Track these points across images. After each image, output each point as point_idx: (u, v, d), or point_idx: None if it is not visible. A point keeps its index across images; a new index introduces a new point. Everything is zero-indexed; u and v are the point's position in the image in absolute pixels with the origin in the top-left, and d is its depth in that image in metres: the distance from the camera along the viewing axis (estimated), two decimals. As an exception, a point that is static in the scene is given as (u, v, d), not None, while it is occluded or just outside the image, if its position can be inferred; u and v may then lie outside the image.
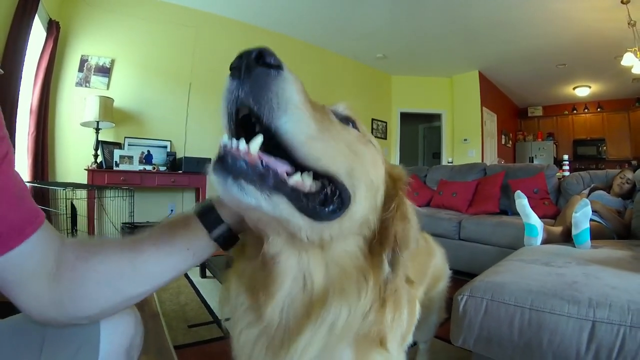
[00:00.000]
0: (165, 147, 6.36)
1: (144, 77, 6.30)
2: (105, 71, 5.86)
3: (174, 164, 6.25)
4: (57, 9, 5.37)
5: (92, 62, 5.77)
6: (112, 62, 5.96)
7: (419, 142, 14.25)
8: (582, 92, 11.36)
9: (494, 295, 1.49)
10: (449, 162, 8.75)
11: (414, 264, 1.36)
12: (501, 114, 11.74)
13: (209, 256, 0.82)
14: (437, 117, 11.18)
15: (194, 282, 3.82)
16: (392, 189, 0.76)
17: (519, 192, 2.94)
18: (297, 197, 0.56)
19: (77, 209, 3.92)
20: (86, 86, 5.70)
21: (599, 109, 12.17)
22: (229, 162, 0.52)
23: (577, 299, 1.34)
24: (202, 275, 4.02)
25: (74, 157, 5.55)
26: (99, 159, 5.51)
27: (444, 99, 10.80)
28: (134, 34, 6.20)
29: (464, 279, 1.69)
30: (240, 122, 0.58)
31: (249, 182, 0.51)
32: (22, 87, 4.28)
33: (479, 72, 10.16)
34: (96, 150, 5.46)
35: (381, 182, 0.74)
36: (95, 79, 5.78)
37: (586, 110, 12.42)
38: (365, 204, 0.68)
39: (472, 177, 5.59)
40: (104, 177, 5.39)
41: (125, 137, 5.99)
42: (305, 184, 0.57)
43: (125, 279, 0.77)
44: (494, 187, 5.05)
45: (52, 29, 5.13)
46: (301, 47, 8.53)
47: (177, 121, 6.62)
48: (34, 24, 4.46)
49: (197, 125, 6.71)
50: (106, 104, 5.43)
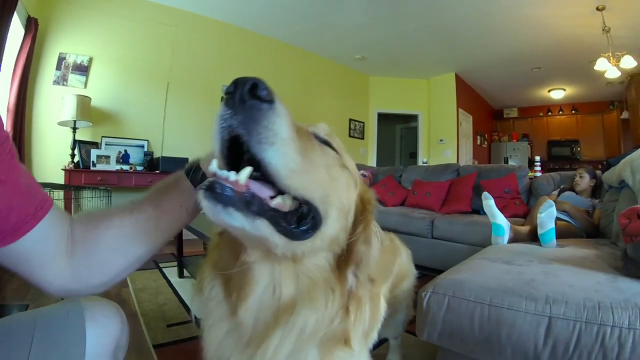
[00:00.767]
0: (142, 146, 6.31)
1: (121, 75, 6.23)
2: (83, 69, 5.80)
3: (151, 164, 6.22)
4: (36, 5, 5.28)
5: (70, 60, 5.70)
6: (90, 60, 5.89)
7: (396, 142, 14.38)
8: (557, 94, 11.53)
9: (455, 291, 1.56)
10: (423, 163, 8.85)
11: (378, 263, 1.44)
12: (477, 115, 11.89)
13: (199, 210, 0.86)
14: (414, 117, 11.26)
15: (172, 282, 3.84)
16: (362, 211, 0.82)
17: (485, 193, 3.02)
18: (276, 220, 0.61)
19: None
20: (64, 85, 5.64)
21: (573, 111, 12.39)
22: (218, 191, 0.56)
23: (534, 296, 1.40)
24: (180, 275, 4.04)
25: (51, 157, 5.49)
26: (76, 159, 5.47)
27: (421, 100, 10.91)
28: (112, 32, 6.13)
29: (436, 276, 1.76)
30: (230, 144, 0.61)
31: (236, 209, 0.56)
32: (-1, 85, 4.22)
33: (456, 74, 10.28)
34: (73, 150, 5.42)
35: (352, 204, 0.80)
36: (72, 78, 5.71)
37: (561, 112, 12.62)
38: (336, 225, 0.73)
39: (446, 177, 5.69)
40: (81, 177, 5.34)
41: (102, 137, 5.92)
42: (285, 205, 0.63)
43: (131, 241, 0.83)
44: (467, 188, 5.15)
45: (31, 26, 5.06)
46: (280, 48, 8.54)
47: (154, 121, 6.57)
48: (12, 21, 4.38)
49: (175, 124, 6.69)
50: (83, 103, 5.38)
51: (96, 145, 5.84)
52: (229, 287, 0.77)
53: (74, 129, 5.39)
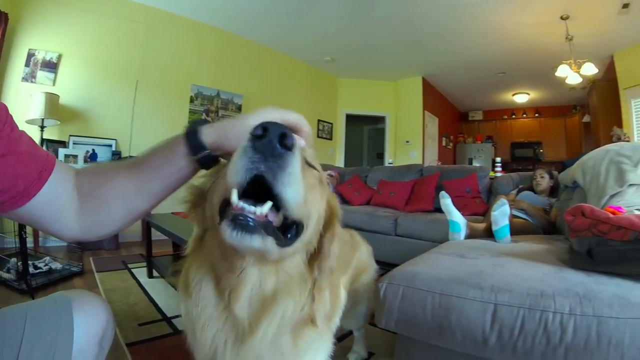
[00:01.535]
0: (110, 145, 6.21)
1: (91, 73, 6.08)
2: (51, 66, 5.65)
3: (118, 163, 6.10)
4: None
5: (40, 56, 5.55)
6: (60, 57, 5.74)
7: (363, 143, 14.49)
8: (521, 98, 11.84)
9: (409, 282, 1.65)
10: (389, 163, 8.95)
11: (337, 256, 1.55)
12: (443, 118, 12.09)
13: (197, 172, 0.92)
14: (382, 119, 11.37)
15: (142, 283, 3.85)
16: (329, 216, 0.93)
17: (443, 192, 3.13)
18: (277, 235, 0.71)
19: None
20: (32, 82, 5.49)
21: (536, 115, 12.72)
22: (242, 221, 0.66)
23: (481, 285, 1.50)
24: (150, 275, 4.04)
25: (19, 156, 5.33)
26: (44, 158, 5.35)
27: (388, 102, 11.04)
28: (82, 28, 5.97)
29: (395, 270, 1.85)
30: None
31: (258, 234, 0.66)
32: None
33: (423, 77, 10.44)
34: (41, 148, 5.29)
35: (323, 213, 0.90)
36: (41, 74, 5.56)
37: (524, 115, 12.97)
38: (312, 231, 0.84)
39: (409, 177, 5.81)
40: (49, 177, 5.22)
41: (70, 136, 5.81)
42: (279, 221, 0.72)
43: (135, 198, 0.89)
44: (429, 187, 5.28)
45: (1, 20, 4.96)
46: (251, 47, 8.51)
47: (122, 119, 6.44)
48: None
49: (143, 124, 6.58)
50: (52, 100, 5.27)
51: (64, 144, 5.74)
52: (219, 287, 0.84)
53: (42, 128, 5.28)
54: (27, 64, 5.49)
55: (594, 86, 8.65)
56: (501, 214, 2.64)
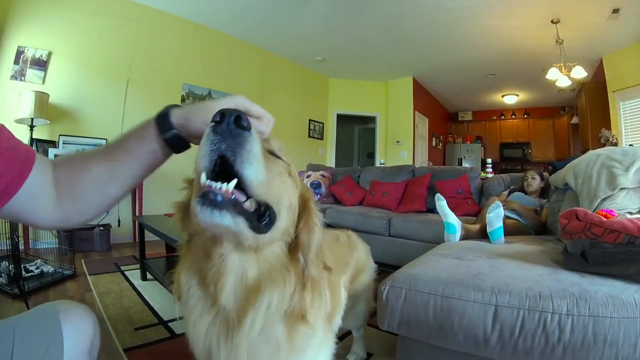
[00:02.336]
0: (100, 145, 6.08)
1: (81, 71, 6.00)
2: (41, 64, 5.56)
3: (109, 164, 6.02)
4: None
5: (29, 54, 5.45)
6: (49, 54, 5.65)
7: (354, 143, 14.55)
8: (510, 99, 11.95)
9: (411, 285, 1.68)
10: (380, 164, 8.99)
11: (334, 256, 1.57)
12: (433, 118, 12.17)
13: (169, 155, 0.96)
14: (372, 119, 11.44)
15: (136, 285, 3.83)
16: (303, 207, 0.97)
17: (438, 194, 3.15)
18: (249, 218, 0.76)
19: None
20: (21, 80, 5.40)
21: (525, 116, 12.85)
22: (211, 198, 0.69)
23: (481, 287, 1.54)
24: (144, 278, 4.02)
25: (7, 156, 5.24)
26: (34, 159, 5.27)
27: (379, 102, 11.11)
28: (72, 25, 5.88)
29: (394, 271, 1.87)
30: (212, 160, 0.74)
31: (226, 210, 0.70)
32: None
33: (413, 78, 10.51)
34: (30, 148, 5.21)
35: (296, 203, 0.95)
36: (31, 73, 5.46)
37: (513, 116, 13.09)
38: (286, 220, 0.89)
39: (402, 178, 5.84)
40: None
41: (60, 135, 5.73)
42: (252, 206, 0.77)
43: (108, 185, 0.91)
44: (421, 188, 5.32)
45: None
46: (242, 47, 8.50)
47: (113, 118, 6.34)
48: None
49: (134, 123, 6.03)
50: (42, 99, 5.17)
51: (54, 144, 5.66)
52: (205, 283, 0.87)
53: (32, 127, 5.20)
54: (16, 62, 5.40)
55: (582, 88, 8.74)
56: (496, 216, 2.69)
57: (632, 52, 7.25)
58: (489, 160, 7.90)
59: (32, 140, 5.26)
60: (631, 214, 2.26)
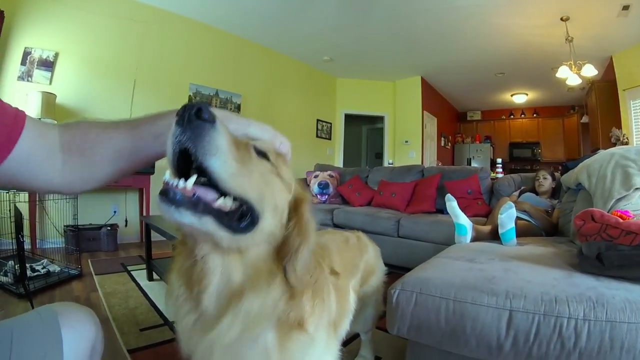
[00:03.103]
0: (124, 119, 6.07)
1: (88, 72, 6.01)
2: (48, 65, 5.58)
3: (116, 164, 6.01)
4: None
5: (36, 55, 5.47)
6: (56, 55, 5.67)
7: (362, 143, 14.55)
8: (520, 99, 11.86)
9: (422, 288, 1.64)
10: (389, 164, 8.95)
11: (343, 259, 1.56)
12: (441, 118, 12.11)
13: None
14: (380, 119, 11.40)
15: (142, 286, 3.81)
16: (294, 210, 0.93)
17: (449, 195, 3.13)
18: (220, 217, 0.73)
19: (22, 213, 3.81)
20: (28, 80, 5.42)
21: (535, 115, 12.74)
22: (170, 195, 0.68)
23: (495, 292, 1.49)
24: (150, 278, 4.01)
25: (14, 158, 5.25)
26: (40, 160, 5.27)
27: (387, 102, 11.06)
28: (79, 26, 5.90)
29: (403, 273, 1.83)
30: (181, 156, 0.71)
31: (185, 208, 0.69)
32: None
33: (421, 77, 10.44)
34: (37, 150, 5.21)
35: (285, 206, 0.91)
36: (38, 73, 5.48)
37: (523, 115, 12.99)
38: (272, 221, 0.85)
39: (411, 178, 5.79)
40: (46, 178, 5.14)
41: None
42: (227, 205, 0.74)
43: (117, 160, 0.90)
44: (430, 188, 5.27)
45: None
46: (249, 47, 8.47)
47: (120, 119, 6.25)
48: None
49: None
50: (49, 100, 5.20)
51: (61, 145, 5.63)
52: (191, 283, 0.86)
53: (39, 128, 5.18)
54: (23, 63, 5.41)
55: (592, 87, 8.64)
56: (508, 217, 2.65)
57: (643, 50, 7.17)
58: (498, 160, 7.81)
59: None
60: (647, 215, 2.21)
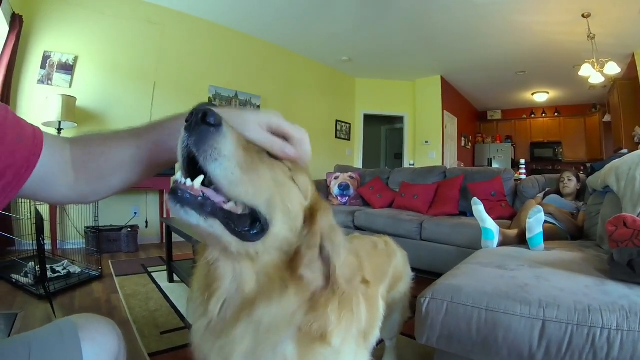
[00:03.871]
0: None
1: (107, 75, 6.09)
2: (68, 68, 5.66)
3: (138, 167, 6.04)
4: (21, 2, 5.17)
5: (55, 58, 5.56)
6: (76, 59, 5.75)
7: (381, 143, 14.51)
8: (541, 97, 11.72)
9: (454, 297, 1.61)
10: (410, 165, 8.89)
11: (372, 265, 1.53)
12: (461, 118, 12.03)
13: None
14: (400, 119, 11.36)
15: (162, 288, 3.81)
16: (310, 217, 0.87)
17: (475, 198, 3.08)
18: (228, 220, 0.71)
19: (42, 214, 3.82)
20: (48, 84, 5.50)
21: (556, 114, 12.56)
22: (178, 194, 0.67)
23: (528, 301, 1.46)
24: (170, 280, 4.01)
25: (36, 160, 5.30)
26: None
27: (406, 102, 11.00)
28: (98, 30, 5.98)
29: (425, 277, 1.80)
30: (192, 161, 0.70)
31: (191, 208, 0.67)
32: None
33: (441, 77, 10.38)
34: (57, 152, 5.24)
35: (300, 212, 0.86)
36: (57, 77, 5.58)
37: (544, 114, 12.81)
38: (284, 227, 0.81)
39: (433, 179, 5.73)
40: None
41: None
42: (237, 208, 0.73)
43: (126, 171, 0.89)
44: (453, 190, 5.22)
45: (15, 23, 4.94)
46: (268, 49, 8.50)
47: (140, 121, 6.02)
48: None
49: None
50: (69, 103, 5.25)
51: (82, 146, 5.67)
52: (204, 288, 0.85)
53: (59, 130, 5.25)
54: (43, 66, 5.51)
55: (614, 85, 8.51)
56: (536, 221, 2.60)
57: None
58: (522, 160, 7.66)
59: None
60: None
